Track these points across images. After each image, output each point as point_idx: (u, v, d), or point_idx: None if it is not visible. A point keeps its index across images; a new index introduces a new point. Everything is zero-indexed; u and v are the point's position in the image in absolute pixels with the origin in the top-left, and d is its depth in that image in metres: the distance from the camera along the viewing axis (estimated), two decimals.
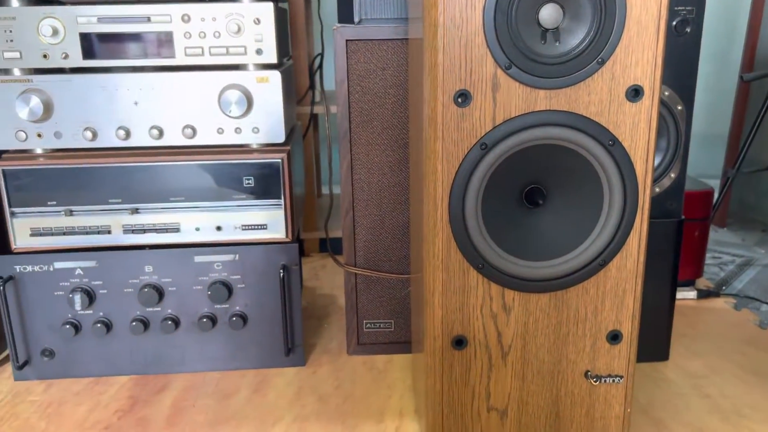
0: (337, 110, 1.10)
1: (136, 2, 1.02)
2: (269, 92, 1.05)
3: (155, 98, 1.05)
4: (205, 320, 1.10)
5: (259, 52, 1.03)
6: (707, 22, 1.10)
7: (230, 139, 1.07)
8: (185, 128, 1.06)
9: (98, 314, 1.10)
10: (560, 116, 0.73)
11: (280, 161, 1.06)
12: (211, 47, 1.03)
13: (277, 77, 1.05)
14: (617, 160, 0.75)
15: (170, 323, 1.10)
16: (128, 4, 1.01)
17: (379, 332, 1.20)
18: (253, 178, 1.06)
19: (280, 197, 1.08)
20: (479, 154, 0.74)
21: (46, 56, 1.02)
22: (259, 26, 1.02)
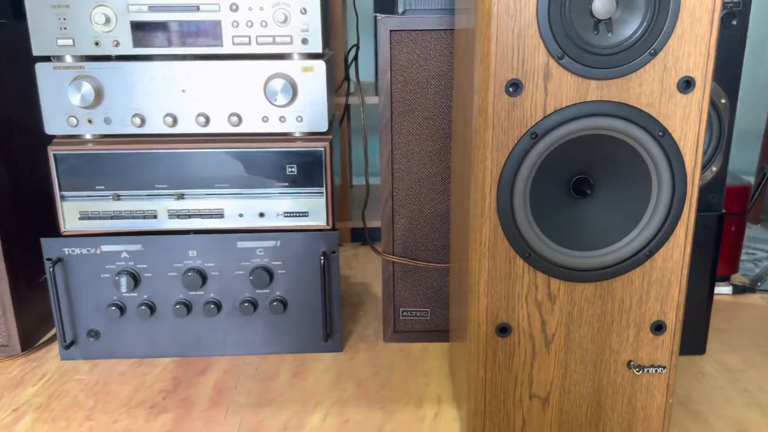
0: (378, 100, 1.11)
1: None
2: (313, 81, 1.07)
3: (202, 86, 1.07)
4: (246, 305, 1.12)
5: (304, 41, 1.05)
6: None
7: (275, 127, 1.09)
8: (231, 116, 1.08)
9: (143, 297, 1.12)
10: (611, 107, 0.73)
11: (323, 150, 1.08)
12: (258, 36, 1.05)
13: (321, 67, 1.06)
14: (667, 151, 0.75)
15: (212, 307, 1.12)
16: None
17: (415, 320, 1.21)
18: (296, 166, 1.08)
19: (322, 185, 1.09)
20: (529, 143, 0.74)
21: (97, 44, 1.04)
22: (305, 16, 1.04)
